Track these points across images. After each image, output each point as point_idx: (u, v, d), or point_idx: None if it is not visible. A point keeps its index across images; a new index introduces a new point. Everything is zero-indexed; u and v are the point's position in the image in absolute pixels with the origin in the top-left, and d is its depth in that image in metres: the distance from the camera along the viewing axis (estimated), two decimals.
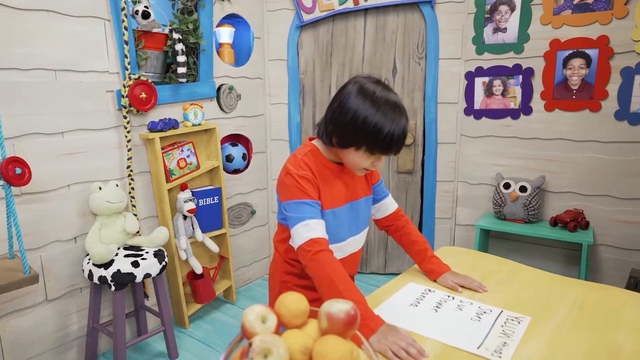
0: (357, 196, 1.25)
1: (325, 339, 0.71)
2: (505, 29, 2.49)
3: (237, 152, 2.74)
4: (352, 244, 1.27)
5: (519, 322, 1.04)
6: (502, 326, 1.03)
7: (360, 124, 1.05)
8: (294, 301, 0.78)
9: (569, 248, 2.52)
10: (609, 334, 1.00)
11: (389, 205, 1.36)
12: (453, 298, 1.17)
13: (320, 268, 1.05)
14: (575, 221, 2.33)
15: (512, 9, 2.46)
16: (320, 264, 1.05)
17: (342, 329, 0.73)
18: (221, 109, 2.64)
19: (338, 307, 0.75)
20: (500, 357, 0.91)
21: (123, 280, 1.90)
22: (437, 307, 1.12)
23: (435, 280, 1.29)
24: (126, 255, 1.99)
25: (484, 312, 1.09)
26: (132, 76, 2.07)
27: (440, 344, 0.96)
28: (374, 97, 1.06)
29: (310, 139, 1.23)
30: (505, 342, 0.96)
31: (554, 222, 2.40)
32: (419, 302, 1.15)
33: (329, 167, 1.19)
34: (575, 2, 2.29)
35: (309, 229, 1.07)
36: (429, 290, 1.22)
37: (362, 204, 1.26)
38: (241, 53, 2.83)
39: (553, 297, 1.18)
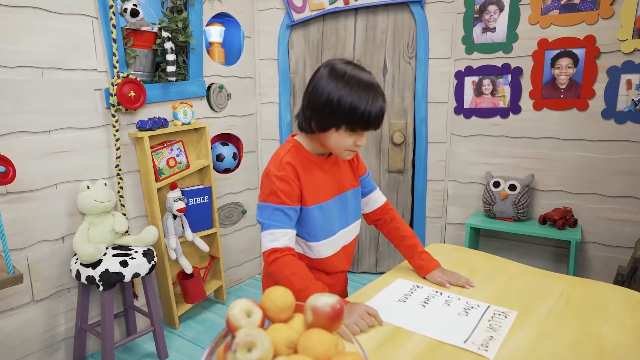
0: (344, 188, 1.24)
1: (310, 332, 0.71)
2: (494, 28, 2.51)
3: (227, 151, 2.73)
4: (344, 237, 1.26)
5: (505, 317, 1.05)
6: (489, 321, 1.03)
7: (336, 105, 1.06)
8: (280, 295, 0.78)
9: (558, 246, 2.54)
10: (594, 327, 1.01)
11: (377, 199, 1.36)
12: (441, 294, 1.18)
13: (278, 272, 1.08)
14: (564, 219, 2.36)
15: (501, 9, 2.48)
16: (278, 268, 1.08)
17: (327, 322, 0.73)
18: (211, 108, 2.63)
19: (324, 300, 0.75)
20: (486, 350, 0.91)
21: (111, 280, 1.88)
22: (424, 302, 1.13)
23: (424, 277, 1.29)
24: (115, 255, 1.98)
25: (472, 307, 1.10)
26: (121, 74, 2.06)
27: (427, 338, 0.97)
28: (346, 77, 1.07)
29: (293, 135, 1.23)
30: (491, 336, 0.96)
31: (543, 220, 2.42)
32: (407, 298, 1.15)
33: (313, 161, 1.18)
34: (562, 2, 2.31)
35: (272, 239, 1.10)
36: (417, 286, 1.22)
37: (350, 196, 1.26)
38: (231, 52, 2.82)
39: (539, 291, 1.19)
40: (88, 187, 1.99)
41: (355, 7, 2.70)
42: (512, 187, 2.48)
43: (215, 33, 2.66)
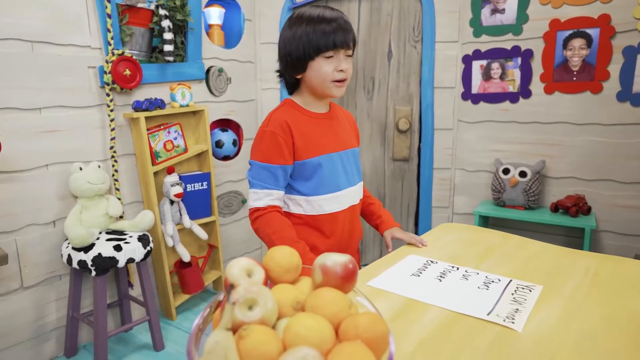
0: (347, 145, 1.24)
1: (320, 291, 0.62)
2: (504, 9, 2.43)
3: (227, 137, 2.64)
4: (351, 196, 1.25)
5: (530, 291, 0.96)
6: (512, 294, 0.94)
7: (300, 34, 1.08)
8: (285, 255, 0.69)
9: (570, 235, 2.45)
10: (626, 300, 0.92)
11: None
12: (457, 269, 1.08)
13: (260, 230, 1.13)
14: (577, 206, 2.26)
15: None
16: (260, 226, 1.12)
17: (339, 283, 0.64)
18: (210, 92, 2.54)
19: (334, 259, 0.66)
20: (513, 322, 0.82)
21: (104, 264, 1.79)
22: (440, 276, 1.04)
23: (382, 234, 1.32)
24: (108, 239, 1.88)
25: (492, 281, 1.00)
26: (116, 52, 1.97)
27: (446, 311, 0.87)
28: (298, 14, 1.10)
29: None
30: (517, 309, 0.87)
31: (555, 207, 2.33)
32: (421, 273, 1.06)
33: (307, 115, 1.18)
34: None
35: (256, 198, 1.13)
36: (431, 262, 1.13)
37: (353, 155, 1.26)
38: (231, 35, 2.73)
39: (564, 267, 1.10)
40: (81, 169, 1.90)
41: None
42: (523, 174, 2.39)
43: (215, 15, 2.57)
